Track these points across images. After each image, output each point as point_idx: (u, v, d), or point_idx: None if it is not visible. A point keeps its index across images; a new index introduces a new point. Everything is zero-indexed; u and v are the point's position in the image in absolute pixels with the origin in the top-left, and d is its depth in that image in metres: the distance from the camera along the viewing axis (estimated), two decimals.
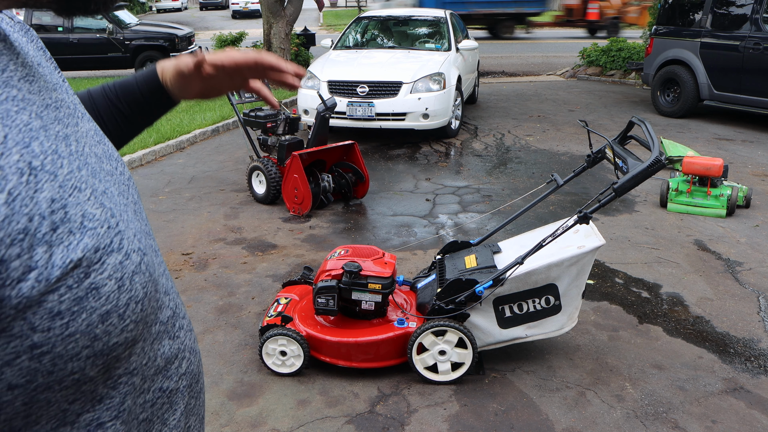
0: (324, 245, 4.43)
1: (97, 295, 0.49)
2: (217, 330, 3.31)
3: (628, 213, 5.07)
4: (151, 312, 0.57)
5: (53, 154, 0.50)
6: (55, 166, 0.49)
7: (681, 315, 3.49)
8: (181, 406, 0.66)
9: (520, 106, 9.61)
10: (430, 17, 8.99)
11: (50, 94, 0.58)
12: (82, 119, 0.63)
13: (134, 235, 0.57)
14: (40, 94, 0.56)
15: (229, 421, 2.61)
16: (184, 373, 0.67)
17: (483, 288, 2.75)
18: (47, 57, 0.67)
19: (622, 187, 2.60)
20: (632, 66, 11.09)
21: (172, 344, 0.64)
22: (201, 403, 0.73)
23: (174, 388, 0.65)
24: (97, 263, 0.49)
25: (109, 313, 0.50)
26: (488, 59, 14.80)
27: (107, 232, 0.52)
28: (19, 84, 0.52)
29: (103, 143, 0.66)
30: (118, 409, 0.55)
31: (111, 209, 0.55)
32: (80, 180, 0.52)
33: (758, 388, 2.84)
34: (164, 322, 0.63)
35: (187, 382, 0.68)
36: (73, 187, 0.51)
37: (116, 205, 0.57)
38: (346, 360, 2.86)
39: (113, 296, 0.51)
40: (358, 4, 25.75)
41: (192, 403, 0.69)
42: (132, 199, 0.65)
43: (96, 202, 0.53)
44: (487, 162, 6.62)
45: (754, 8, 7.71)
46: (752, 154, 6.87)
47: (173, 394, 0.65)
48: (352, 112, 6.93)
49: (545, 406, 2.71)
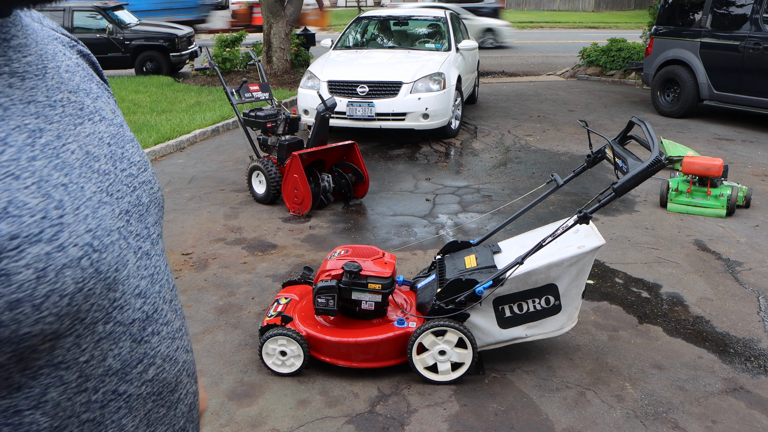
0: (324, 245, 4.43)
1: (7, 282, 0.49)
2: (217, 330, 3.31)
3: (628, 213, 5.07)
4: (92, 309, 0.57)
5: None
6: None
7: (681, 315, 3.49)
8: (140, 413, 0.64)
9: (520, 106, 9.61)
10: (430, 17, 9.00)
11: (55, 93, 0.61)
12: (97, 123, 0.66)
13: (88, 231, 0.57)
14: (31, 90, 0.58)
15: (229, 421, 2.61)
16: (150, 379, 0.65)
17: (483, 288, 2.75)
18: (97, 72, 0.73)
19: (622, 187, 2.60)
20: (632, 66, 11.08)
21: (135, 347, 0.63)
22: (179, 414, 0.71)
23: (134, 393, 0.63)
24: (12, 250, 0.49)
25: (19, 302, 0.49)
26: (488, 59, 14.80)
27: (38, 222, 0.52)
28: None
29: (117, 146, 0.68)
30: (38, 400, 0.54)
31: (60, 201, 0.55)
32: (24, 168, 0.53)
33: (758, 388, 2.84)
34: (125, 323, 0.61)
35: (153, 389, 0.66)
36: (8, 174, 0.51)
37: (77, 198, 0.57)
38: (346, 360, 2.86)
39: (28, 286, 0.50)
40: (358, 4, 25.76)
41: (161, 413, 0.68)
42: (130, 200, 0.66)
43: (37, 192, 0.53)
44: (487, 162, 6.62)
45: (754, 8, 7.71)
46: (752, 154, 6.87)
47: (132, 399, 0.63)
48: (352, 112, 6.93)
49: (545, 406, 2.71)
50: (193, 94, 9.85)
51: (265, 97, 5.75)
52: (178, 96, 9.71)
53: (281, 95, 9.63)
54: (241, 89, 5.59)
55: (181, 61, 12.42)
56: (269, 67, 11.43)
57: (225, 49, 11.88)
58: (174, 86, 10.62)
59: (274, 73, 11.40)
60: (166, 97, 9.60)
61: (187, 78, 11.88)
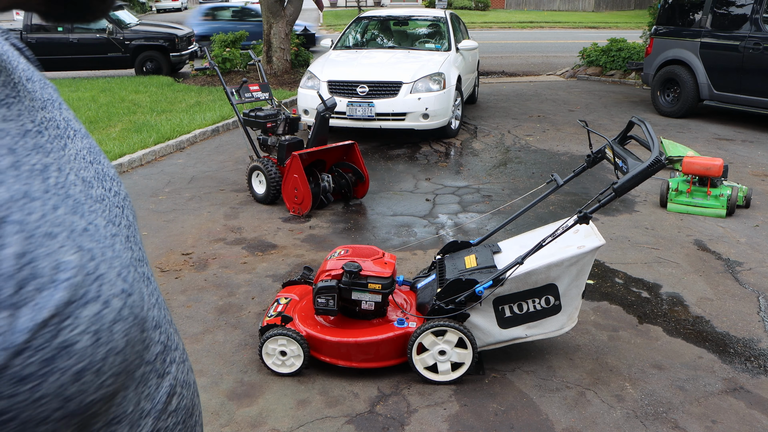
0: (324, 245, 4.43)
1: (69, 354, 0.44)
2: (217, 330, 3.31)
3: (628, 213, 5.07)
4: (134, 359, 0.54)
5: (23, 198, 0.45)
6: (23, 214, 0.44)
7: (681, 315, 3.49)
8: None
9: (520, 106, 9.61)
10: (430, 17, 9.00)
11: (35, 115, 0.54)
12: (74, 138, 0.59)
13: (118, 275, 0.52)
14: (19, 118, 0.51)
15: (229, 421, 2.61)
16: (174, 410, 0.62)
17: (483, 288, 2.75)
18: (36, 69, 0.63)
19: (622, 187, 2.60)
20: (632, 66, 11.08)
21: (160, 383, 0.60)
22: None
23: (163, 427, 0.61)
24: (68, 318, 0.44)
25: (83, 371, 0.45)
26: (488, 59, 14.80)
27: (83, 280, 0.47)
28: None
29: (97, 162, 0.62)
30: None
31: (91, 250, 0.49)
32: (55, 223, 0.47)
33: (758, 388, 2.84)
34: (151, 361, 0.58)
35: (178, 419, 0.64)
36: (45, 235, 0.45)
37: (99, 241, 0.52)
38: (346, 360, 2.86)
39: (88, 352, 0.46)
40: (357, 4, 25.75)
41: None
42: (125, 223, 0.61)
43: (72, 245, 0.48)
44: (487, 162, 6.62)
45: (754, 8, 7.71)
46: (752, 154, 6.87)
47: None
48: (352, 112, 6.93)
49: (545, 406, 2.71)
50: (193, 94, 9.85)
51: (265, 97, 5.76)
52: (178, 96, 9.72)
53: (281, 95, 9.63)
54: (241, 89, 5.59)
55: (181, 61, 12.43)
56: (269, 67, 11.43)
57: (225, 49, 11.88)
58: (174, 86, 10.62)
59: (274, 73, 11.41)
60: (166, 97, 9.60)
61: (187, 78, 11.88)
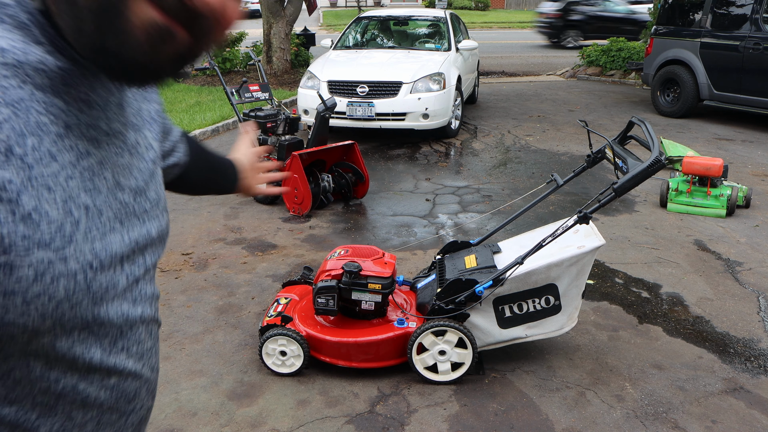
0: (324, 245, 4.43)
1: (9, 274, 0.53)
2: (217, 330, 3.31)
3: (628, 213, 5.07)
4: (74, 317, 0.61)
5: (47, 156, 0.56)
6: (36, 161, 0.55)
7: (681, 315, 3.49)
8: (93, 412, 0.70)
9: (520, 106, 9.61)
10: (430, 17, 8.99)
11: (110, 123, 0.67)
12: (133, 155, 0.71)
13: (95, 255, 0.62)
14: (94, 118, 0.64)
15: (229, 421, 2.61)
16: (111, 387, 0.71)
17: (483, 288, 2.75)
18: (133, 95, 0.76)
19: (622, 187, 2.60)
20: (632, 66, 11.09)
21: (103, 357, 0.69)
22: (128, 424, 0.77)
23: (92, 394, 0.69)
24: (21, 249, 0.54)
25: (13, 293, 0.54)
26: (488, 59, 14.80)
27: (52, 232, 0.56)
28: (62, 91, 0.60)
29: (142, 180, 0.73)
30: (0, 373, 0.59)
31: (77, 219, 0.60)
32: (59, 184, 0.57)
33: (758, 388, 2.84)
34: (100, 335, 0.67)
35: (111, 395, 0.72)
36: (44, 185, 0.55)
37: (90, 221, 0.62)
38: (346, 360, 2.86)
39: (25, 281, 0.55)
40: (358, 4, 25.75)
41: (112, 417, 0.73)
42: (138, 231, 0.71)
43: (62, 206, 0.58)
44: (487, 162, 6.62)
45: (754, 8, 7.71)
46: (752, 154, 6.87)
47: (89, 398, 0.68)
48: (352, 112, 6.93)
49: (545, 406, 2.71)
50: (193, 94, 9.85)
51: (265, 97, 5.76)
52: (178, 96, 9.72)
53: (281, 95, 9.63)
54: (241, 89, 5.59)
55: None
56: (269, 67, 11.43)
57: (225, 49, 11.88)
58: (174, 86, 10.62)
59: (274, 73, 11.40)
60: (166, 98, 9.60)
61: (187, 78, 11.88)
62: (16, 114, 0.53)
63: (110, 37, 0.56)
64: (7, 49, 0.54)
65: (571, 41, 18.12)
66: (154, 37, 0.57)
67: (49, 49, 0.58)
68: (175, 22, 0.57)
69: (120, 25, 0.55)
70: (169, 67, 0.61)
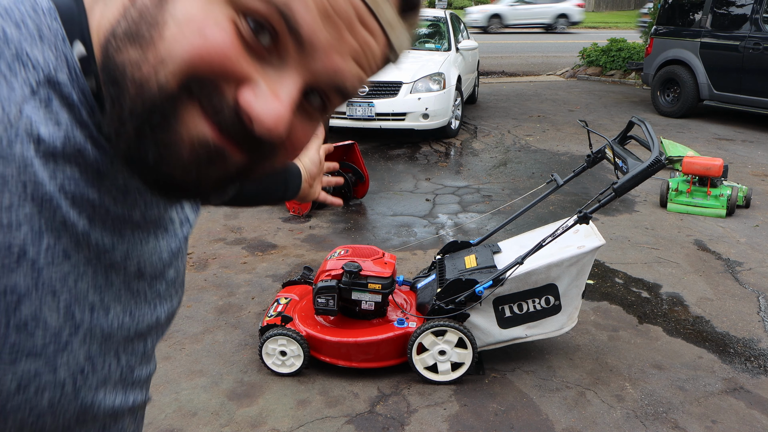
0: (324, 245, 4.43)
1: None
2: (217, 330, 3.31)
3: (628, 213, 5.07)
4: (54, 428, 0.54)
5: (60, 256, 0.49)
6: (47, 263, 0.48)
7: (681, 315, 3.49)
8: None
9: (520, 106, 9.61)
10: (430, 17, 8.99)
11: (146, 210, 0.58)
12: (159, 237, 0.62)
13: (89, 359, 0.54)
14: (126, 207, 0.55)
15: (229, 421, 2.61)
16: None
17: (483, 288, 2.75)
18: None
19: (622, 187, 2.60)
20: (632, 66, 11.09)
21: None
22: None
23: None
24: (6, 359, 0.47)
25: None
26: (488, 59, 14.80)
27: (47, 340, 0.49)
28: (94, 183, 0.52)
29: (167, 263, 0.64)
30: None
31: (78, 323, 0.52)
32: (65, 286, 0.50)
33: (758, 388, 2.84)
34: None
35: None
36: (49, 290, 0.48)
37: (93, 321, 0.54)
38: (346, 360, 2.86)
39: (4, 393, 0.48)
40: None
41: None
42: (146, 322, 0.62)
43: (63, 312, 0.50)
44: (487, 162, 6.62)
45: (754, 8, 7.71)
46: (752, 154, 6.87)
47: None
48: (352, 112, 6.93)
49: (545, 406, 2.71)
50: None
51: None
52: None
53: None
54: None
55: None
56: None
57: None
58: None
59: None
60: None
61: None
62: (40, 211, 0.47)
63: (150, 147, 0.47)
64: (46, 139, 0.47)
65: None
66: (201, 157, 0.48)
67: (92, 133, 0.50)
68: (231, 142, 0.48)
69: (163, 137, 0.47)
70: (213, 189, 0.52)
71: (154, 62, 0.45)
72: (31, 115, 0.46)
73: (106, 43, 0.47)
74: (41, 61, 0.47)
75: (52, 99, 0.47)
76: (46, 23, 0.48)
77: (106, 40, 0.48)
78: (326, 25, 0.47)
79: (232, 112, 0.47)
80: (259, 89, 0.47)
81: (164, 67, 0.45)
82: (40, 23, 0.48)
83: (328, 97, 0.51)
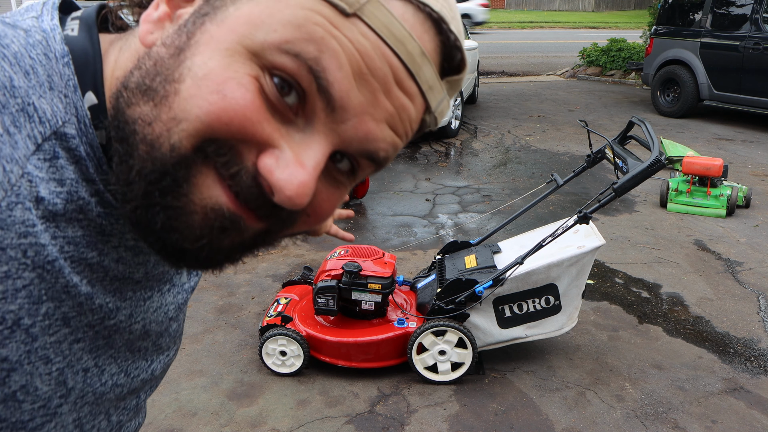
0: (324, 245, 4.43)
1: None
2: (217, 330, 3.31)
3: (628, 213, 5.07)
4: None
5: (58, 322, 0.46)
6: (42, 330, 0.44)
7: (681, 315, 3.49)
8: None
9: (520, 106, 9.61)
10: None
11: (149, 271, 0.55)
12: (164, 292, 0.58)
13: (76, 421, 0.51)
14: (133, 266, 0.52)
15: (229, 421, 2.61)
16: None
17: (483, 288, 2.75)
18: None
19: (622, 187, 2.60)
20: (632, 66, 11.09)
21: None
22: None
23: None
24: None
25: None
26: (488, 59, 14.80)
27: (35, 410, 0.46)
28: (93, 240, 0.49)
29: (173, 318, 0.61)
30: None
31: (70, 389, 0.49)
32: (60, 353, 0.47)
33: (758, 388, 2.84)
34: None
35: None
36: (42, 357, 0.45)
37: (86, 385, 0.51)
38: (346, 360, 2.86)
39: None
40: None
41: None
42: (142, 377, 0.59)
43: (56, 378, 0.47)
44: (487, 162, 6.62)
45: (754, 8, 7.71)
46: (752, 154, 6.87)
47: None
48: None
49: (545, 406, 2.71)
50: None
51: None
52: None
53: None
54: None
55: None
56: None
57: None
58: None
59: None
60: None
61: None
62: (41, 277, 0.43)
63: (158, 212, 0.43)
64: (47, 199, 0.43)
65: None
66: (214, 225, 0.44)
67: (98, 189, 0.47)
68: (247, 210, 0.44)
69: (174, 203, 0.42)
70: (226, 257, 0.48)
71: (167, 120, 0.41)
72: (33, 173, 0.42)
73: (117, 94, 0.44)
74: (49, 113, 0.44)
75: (57, 153, 0.44)
76: (58, 70, 0.45)
77: (117, 92, 0.44)
78: (360, 86, 0.42)
79: (250, 179, 0.43)
80: (281, 155, 0.43)
81: (178, 126, 0.41)
82: (51, 71, 0.45)
83: (358, 163, 0.47)
